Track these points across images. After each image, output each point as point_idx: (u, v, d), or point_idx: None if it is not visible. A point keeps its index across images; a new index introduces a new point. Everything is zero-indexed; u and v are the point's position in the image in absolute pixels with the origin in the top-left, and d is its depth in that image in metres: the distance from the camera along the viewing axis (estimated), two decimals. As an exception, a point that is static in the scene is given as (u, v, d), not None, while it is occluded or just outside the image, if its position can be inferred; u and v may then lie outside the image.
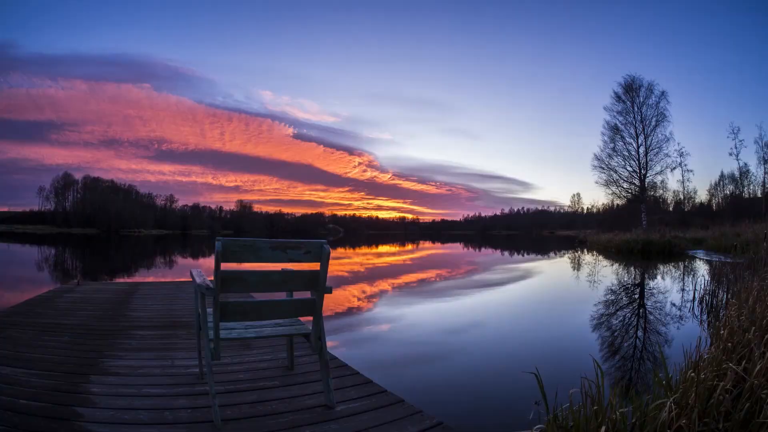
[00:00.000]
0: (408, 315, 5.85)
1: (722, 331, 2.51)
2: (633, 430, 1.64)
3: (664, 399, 1.62)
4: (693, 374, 1.82)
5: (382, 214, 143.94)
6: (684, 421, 1.58)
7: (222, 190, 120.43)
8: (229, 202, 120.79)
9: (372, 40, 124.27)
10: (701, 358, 2.21)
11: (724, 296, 5.98)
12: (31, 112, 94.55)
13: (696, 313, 5.74)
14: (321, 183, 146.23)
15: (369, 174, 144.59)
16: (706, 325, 5.01)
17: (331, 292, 2.04)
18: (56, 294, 5.03)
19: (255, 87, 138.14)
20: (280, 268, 2.19)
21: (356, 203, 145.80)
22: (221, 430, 1.72)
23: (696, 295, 6.39)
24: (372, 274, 11.67)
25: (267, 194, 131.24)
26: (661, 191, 29.05)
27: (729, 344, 2.22)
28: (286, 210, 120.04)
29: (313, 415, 1.91)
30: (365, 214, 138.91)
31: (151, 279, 9.32)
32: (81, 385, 2.17)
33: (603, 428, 1.58)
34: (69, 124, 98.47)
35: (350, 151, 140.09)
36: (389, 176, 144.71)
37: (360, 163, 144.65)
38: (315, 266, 1.99)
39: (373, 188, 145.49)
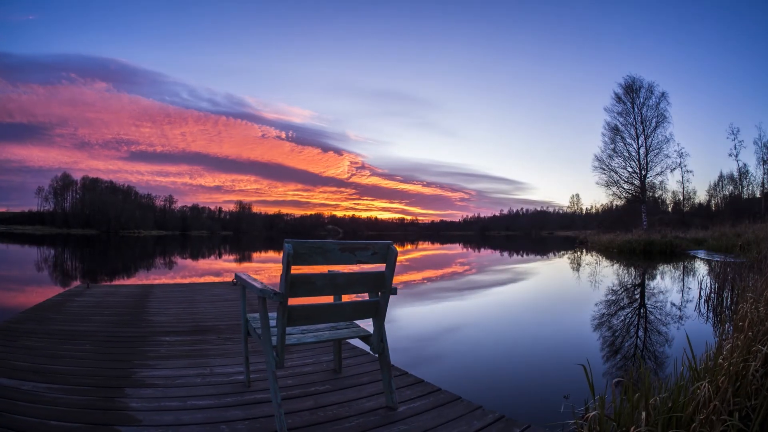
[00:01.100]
0: (427, 312, 5.90)
1: (741, 323, 2.62)
2: (670, 412, 1.76)
3: (701, 381, 1.74)
4: (721, 360, 1.94)
5: (379, 215, 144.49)
6: (717, 402, 1.69)
7: (204, 191, 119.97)
8: (215, 202, 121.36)
9: (368, 40, 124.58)
10: (723, 347, 2.33)
11: (728, 295, 6.11)
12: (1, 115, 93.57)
13: (702, 311, 5.87)
14: (302, 182, 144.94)
15: (356, 174, 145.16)
16: (712, 322, 5.15)
17: (396, 293, 1.99)
18: (66, 298, 4.82)
19: (223, 86, 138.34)
20: (326, 270, 2.18)
21: (343, 203, 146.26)
22: None
23: (702, 294, 6.51)
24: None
25: (249, 194, 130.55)
26: (660, 192, 29.31)
27: (750, 333, 2.33)
28: (269, 211, 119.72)
29: (378, 417, 1.88)
30: (362, 214, 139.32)
31: (161, 281, 9.23)
32: (117, 400, 1.99)
33: (644, 413, 1.70)
34: (39, 127, 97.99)
35: (337, 151, 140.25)
36: (373, 176, 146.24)
37: (351, 163, 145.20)
38: (380, 267, 1.97)
39: (362, 188, 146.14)
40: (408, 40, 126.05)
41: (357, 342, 3.02)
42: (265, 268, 13.05)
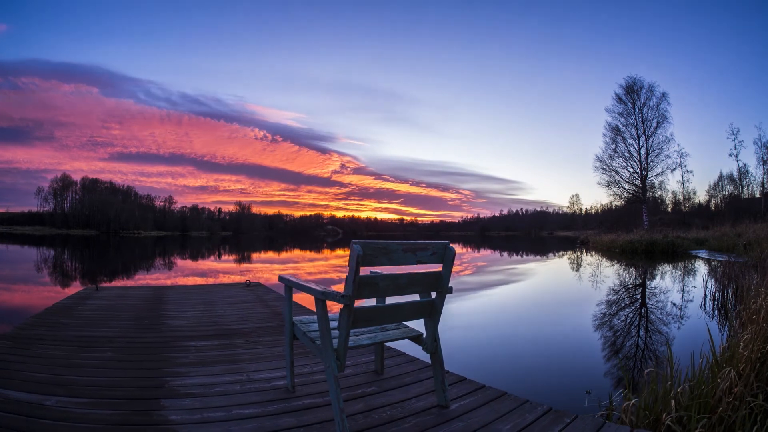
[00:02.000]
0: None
1: (755, 316, 2.74)
2: (699, 398, 1.88)
3: (724, 369, 1.86)
4: (741, 349, 2.06)
5: (379, 216, 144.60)
6: (741, 387, 1.81)
7: (189, 191, 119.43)
8: (204, 203, 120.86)
9: (358, 39, 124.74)
10: (740, 338, 2.45)
11: (732, 293, 6.26)
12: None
13: (708, 309, 5.99)
14: (286, 182, 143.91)
15: (349, 174, 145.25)
16: (717, 319, 5.29)
17: (451, 293, 1.98)
18: (76, 301, 4.61)
19: (214, 88, 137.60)
20: (368, 271, 2.15)
21: (332, 203, 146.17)
22: None
23: (707, 293, 6.63)
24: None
25: (234, 195, 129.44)
26: (659, 192, 29.50)
27: (765, 324, 2.45)
28: (268, 211, 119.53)
29: (432, 417, 1.87)
30: (360, 215, 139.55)
31: (171, 282, 9.02)
32: (154, 413, 1.85)
33: (673, 402, 1.89)
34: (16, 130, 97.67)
35: (324, 151, 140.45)
36: (364, 175, 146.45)
37: (343, 164, 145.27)
38: (437, 267, 1.98)
39: (359, 188, 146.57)
40: (407, 40, 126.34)
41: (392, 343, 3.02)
42: (270, 269, 13.11)
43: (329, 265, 16.37)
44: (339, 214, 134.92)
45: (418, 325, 2.13)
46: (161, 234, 76.39)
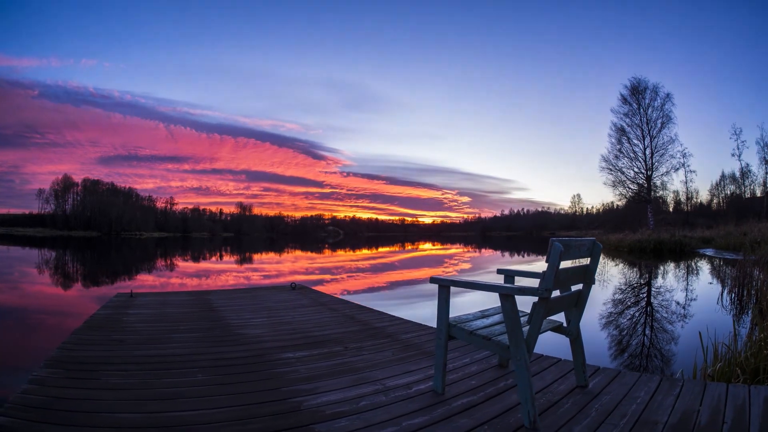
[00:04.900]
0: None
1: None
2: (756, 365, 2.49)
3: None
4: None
5: (380, 217, 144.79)
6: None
7: (190, 192, 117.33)
8: (206, 204, 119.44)
9: (358, 37, 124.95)
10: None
11: (744, 290, 6.58)
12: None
13: (725, 303, 6.28)
14: (278, 183, 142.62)
15: (346, 175, 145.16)
16: (734, 311, 5.64)
17: (594, 283, 2.12)
18: (115, 311, 4.14)
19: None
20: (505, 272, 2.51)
21: (334, 204, 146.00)
22: None
23: (724, 288, 6.91)
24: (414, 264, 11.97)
25: (234, 197, 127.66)
26: (662, 192, 29.75)
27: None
28: (259, 212, 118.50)
29: (581, 396, 2.00)
30: (362, 216, 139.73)
31: (202, 286, 8.81)
32: None
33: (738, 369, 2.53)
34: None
35: (314, 156, 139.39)
36: (359, 177, 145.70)
37: (343, 165, 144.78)
38: (584, 261, 2.12)
39: (354, 189, 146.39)
40: (407, 40, 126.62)
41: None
42: (291, 269, 13.18)
43: (356, 265, 16.50)
44: (340, 215, 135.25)
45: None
46: (163, 235, 76.35)
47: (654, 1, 77.66)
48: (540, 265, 15.23)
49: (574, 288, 2.12)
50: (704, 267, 12.33)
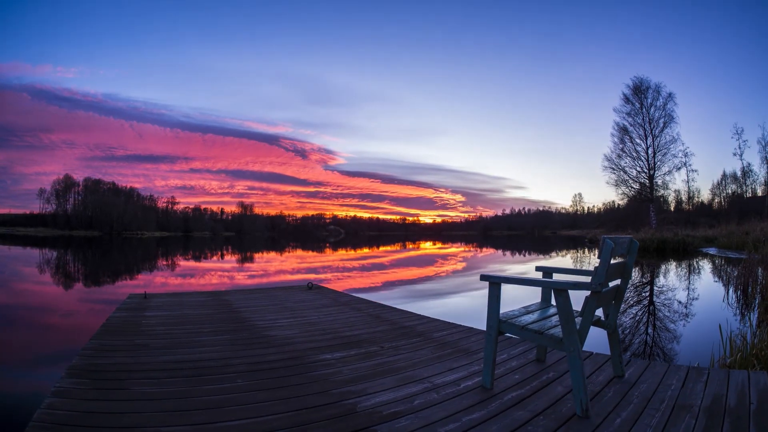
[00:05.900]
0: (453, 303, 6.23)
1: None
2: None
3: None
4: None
5: (381, 216, 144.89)
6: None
7: (191, 192, 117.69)
8: (206, 203, 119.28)
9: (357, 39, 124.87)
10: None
11: (750, 287, 6.80)
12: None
13: (731, 299, 6.47)
14: (268, 182, 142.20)
15: (343, 174, 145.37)
16: (741, 307, 5.83)
17: (631, 278, 2.31)
18: (132, 313, 3.99)
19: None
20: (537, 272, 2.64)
21: (334, 204, 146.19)
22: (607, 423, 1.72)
23: (730, 285, 7.09)
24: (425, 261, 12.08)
25: (236, 197, 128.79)
26: (664, 191, 29.92)
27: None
28: (260, 211, 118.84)
29: (621, 385, 2.12)
30: (363, 215, 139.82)
31: (212, 286, 8.83)
32: None
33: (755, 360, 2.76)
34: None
35: (303, 155, 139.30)
36: (367, 178, 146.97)
37: (343, 165, 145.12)
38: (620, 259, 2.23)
39: (354, 189, 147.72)
40: (406, 40, 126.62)
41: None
42: (301, 267, 13.28)
43: (361, 263, 16.57)
44: (341, 214, 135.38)
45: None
46: (164, 234, 76.45)
47: (654, 1, 77.74)
48: (543, 262, 15.43)
49: (611, 284, 2.21)
50: (708, 266, 12.47)
